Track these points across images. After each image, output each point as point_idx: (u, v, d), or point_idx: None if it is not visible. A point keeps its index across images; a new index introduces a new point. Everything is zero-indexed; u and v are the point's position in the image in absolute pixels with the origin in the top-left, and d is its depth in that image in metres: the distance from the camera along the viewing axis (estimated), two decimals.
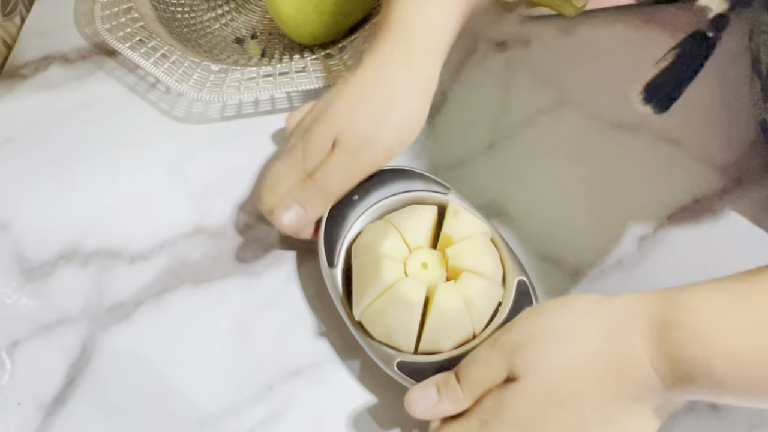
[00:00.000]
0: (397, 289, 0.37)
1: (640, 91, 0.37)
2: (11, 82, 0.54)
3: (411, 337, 0.37)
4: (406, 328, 0.37)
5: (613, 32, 0.53)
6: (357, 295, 0.39)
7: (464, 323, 0.37)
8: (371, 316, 0.38)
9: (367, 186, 0.42)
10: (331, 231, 0.41)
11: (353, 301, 0.39)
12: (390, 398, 0.40)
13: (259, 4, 0.58)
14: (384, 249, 0.38)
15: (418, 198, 0.42)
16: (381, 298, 0.37)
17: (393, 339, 0.38)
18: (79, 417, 0.40)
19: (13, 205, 0.48)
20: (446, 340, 0.37)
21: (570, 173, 0.47)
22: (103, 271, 0.45)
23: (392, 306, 0.37)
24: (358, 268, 0.40)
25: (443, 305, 0.37)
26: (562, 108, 0.50)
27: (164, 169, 0.49)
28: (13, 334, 0.43)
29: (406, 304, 0.37)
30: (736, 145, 0.47)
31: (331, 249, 0.40)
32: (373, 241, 0.39)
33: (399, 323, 0.37)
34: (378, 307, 0.37)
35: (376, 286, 0.37)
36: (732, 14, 0.35)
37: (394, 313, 0.37)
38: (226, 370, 0.41)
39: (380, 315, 0.37)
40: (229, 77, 0.49)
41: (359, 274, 0.39)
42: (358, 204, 0.41)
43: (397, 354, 0.37)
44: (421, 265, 0.39)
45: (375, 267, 0.38)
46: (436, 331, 0.37)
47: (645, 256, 0.43)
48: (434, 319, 0.37)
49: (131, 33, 0.51)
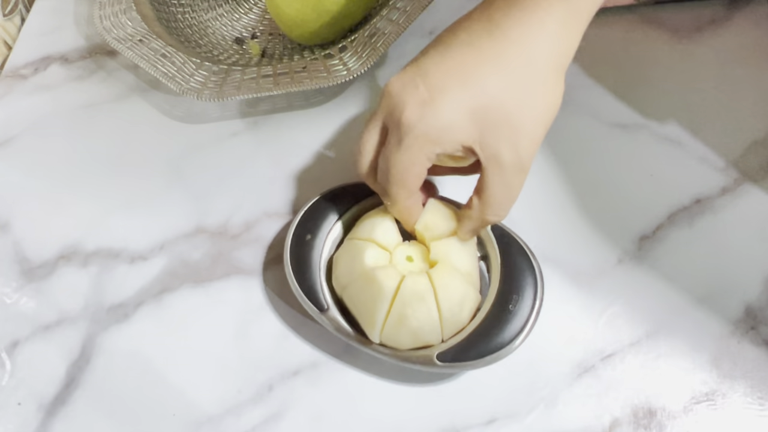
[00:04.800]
0: (404, 291, 0.37)
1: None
2: (11, 82, 0.54)
3: (437, 328, 0.37)
4: (429, 320, 0.37)
5: (613, 32, 0.53)
6: (367, 318, 0.38)
7: (470, 293, 0.38)
8: (390, 330, 0.37)
9: (314, 220, 0.42)
10: (304, 279, 0.40)
11: (365, 326, 0.38)
12: (390, 398, 0.40)
13: (259, 4, 0.58)
14: (367, 263, 0.38)
15: (361, 209, 0.42)
16: (393, 308, 0.37)
17: (422, 338, 0.37)
18: (79, 417, 0.40)
19: (13, 205, 0.48)
20: (462, 315, 0.38)
21: (570, 173, 0.47)
22: (103, 271, 0.45)
23: (408, 308, 0.37)
24: (352, 295, 0.39)
25: (446, 287, 0.37)
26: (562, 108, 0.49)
27: (164, 169, 0.49)
28: (13, 334, 0.43)
29: (420, 299, 0.37)
30: (736, 145, 0.47)
31: (315, 296, 0.40)
32: (351, 264, 0.39)
33: (422, 319, 0.37)
34: (394, 317, 0.37)
35: (382, 299, 0.37)
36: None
37: (413, 313, 0.37)
38: (226, 370, 0.41)
39: (400, 323, 0.37)
40: (229, 77, 0.49)
41: (357, 298, 0.38)
42: (313, 242, 0.41)
43: (431, 350, 0.37)
44: (407, 260, 0.39)
45: (370, 283, 0.37)
46: (451, 314, 0.37)
47: (645, 256, 0.43)
48: (445, 304, 0.37)
49: (131, 33, 0.51)
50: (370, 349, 0.38)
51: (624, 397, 0.39)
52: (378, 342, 0.38)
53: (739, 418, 0.38)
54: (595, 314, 0.42)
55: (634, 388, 0.39)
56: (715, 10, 0.53)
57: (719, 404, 0.39)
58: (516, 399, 0.39)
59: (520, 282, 0.38)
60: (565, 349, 0.41)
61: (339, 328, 0.39)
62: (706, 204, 0.45)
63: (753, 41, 0.52)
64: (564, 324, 0.41)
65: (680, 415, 0.38)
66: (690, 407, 0.39)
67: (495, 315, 0.38)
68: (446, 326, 0.37)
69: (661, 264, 0.43)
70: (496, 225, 0.40)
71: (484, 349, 0.37)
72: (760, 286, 0.42)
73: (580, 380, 0.40)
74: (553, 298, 0.41)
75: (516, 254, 0.39)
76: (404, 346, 0.38)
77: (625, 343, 0.41)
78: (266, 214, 0.46)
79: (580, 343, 0.41)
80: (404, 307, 0.37)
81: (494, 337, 0.37)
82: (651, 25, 0.53)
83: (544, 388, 0.40)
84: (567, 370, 0.40)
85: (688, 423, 0.38)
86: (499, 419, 0.39)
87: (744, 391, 0.39)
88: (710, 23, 0.53)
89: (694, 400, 0.39)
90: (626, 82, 0.50)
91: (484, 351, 0.37)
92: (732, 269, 0.43)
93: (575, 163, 0.47)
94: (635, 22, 0.53)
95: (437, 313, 0.37)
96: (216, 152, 0.49)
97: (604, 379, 0.40)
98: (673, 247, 0.43)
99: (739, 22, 0.53)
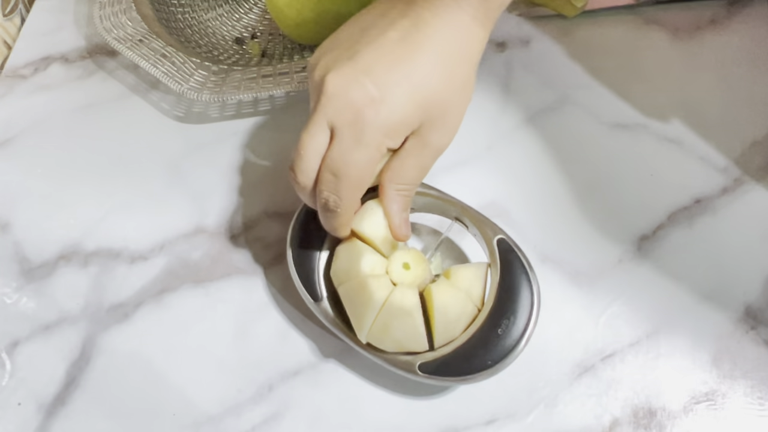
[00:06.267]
0: (392, 304, 0.37)
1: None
2: (11, 82, 0.54)
3: (422, 340, 0.37)
4: (413, 334, 0.37)
5: (613, 32, 0.53)
6: (356, 320, 0.38)
7: (467, 307, 0.38)
8: (376, 334, 0.38)
9: None
10: (303, 266, 0.40)
11: (354, 326, 0.38)
12: (390, 398, 0.40)
13: (259, 4, 0.58)
14: (363, 268, 0.38)
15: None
16: (379, 317, 0.37)
17: (405, 346, 0.37)
18: (79, 417, 0.40)
19: (13, 205, 0.48)
20: (457, 328, 0.37)
21: (570, 173, 0.47)
22: (103, 271, 0.45)
23: (394, 320, 0.37)
24: (346, 294, 0.39)
25: (443, 300, 0.37)
26: (562, 108, 0.50)
27: (164, 169, 0.49)
28: (13, 334, 0.43)
29: (406, 314, 0.37)
30: (736, 145, 0.47)
31: (311, 286, 0.40)
32: (349, 264, 0.39)
33: (405, 333, 0.37)
34: (379, 325, 0.37)
35: (371, 308, 0.37)
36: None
37: (398, 325, 0.37)
38: (226, 370, 0.41)
39: (385, 331, 0.37)
40: (229, 77, 0.49)
41: (349, 299, 0.38)
42: (319, 231, 0.40)
43: (416, 358, 0.37)
44: (403, 267, 0.39)
45: (362, 290, 0.37)
46: (445, 328, 0.37)
47: (645, 256, 0.43)
48: (440, 318, 0.37)
49: (131, 33, 0.51)
50: (358, 346, 0.38)
51: (624, 397, 0.39)
52: (365, 342, 0.38)
53: (739, 418, 0.38)
54: (595, 314, 0.42)
55: (634, 388, 0.39)
56: (715, 10, 0.53)
57: (719, 404, 0.39)
58: (516, 399, 0.39)
59: (515, 305, 0.37)
60: (565, 349, 0.41)
61: (329, 319, 0.39)
62: (706, 204, 0.45)
63: (753, 41, 0.52)
64: (564, 324, 0.41)
65: (680, 415, 0.38)
66: (690, 407, 0.39)
67: (482, 337, 0.37)
68: (438, 338, 0.37)
69: (661, 264, 0.43)
70: (503, 239, 0.39)
71: (465, 368, 0.37)
72: (760, 286, 0.42)
73: (580, 380, 0.40)
74: (553, 298, 0.41)
75: (517, 274, 0.38)
76: (389, 350, 0.38)
77: (625, 343, 0.41)
78: (266, 214, 0.46)
79: (580, 343, 0.41)
80: (390, 318, 0.37)
81: (477, 357, 0.37)
82: (651, 25, 0.53)
83: (544, 388, 0.40)
84: (567, 370, 0.40)
85: (688, 423, 0.38)
86: (499, 419, 0.39)
87: (744, 391, 0.39)
88: (710, 23, 0.53)
89: (694, 400, 0.39)
90: (626, 82, 0.50)
91: (466, 369, 0.37)
92: (732, 269, 0.43)
93: (575, 163, 0.47)
94: (635, 22, 0.53)
95: (422, 328, 0.37)
96: (216, 152, 0.49)
97: (604, 379, 0.40)
98: (673, 247, 0.43)
99: (739, 22, 0.53)
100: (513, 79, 0.51)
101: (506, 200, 0.46)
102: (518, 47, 0.53)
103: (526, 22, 0.54)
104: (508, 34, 0.54)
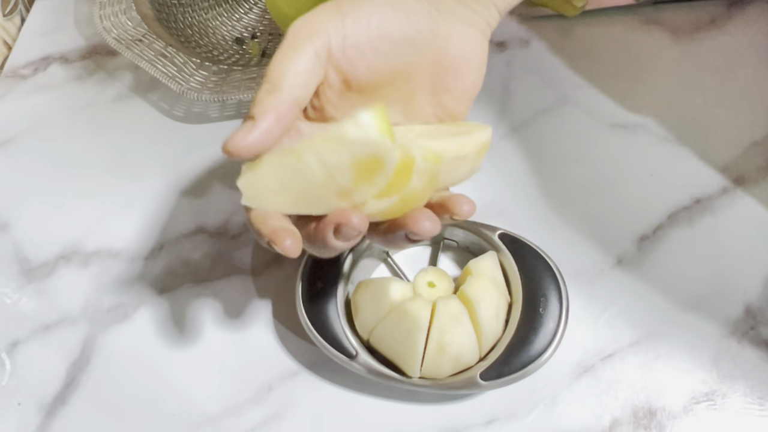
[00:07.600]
0: (441, 316, 0.37)
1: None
2: (11, 82, 0.54)
3: (475, 348, 0.37)
4: (468, 341, 0.37)
5: (613, 32, 0.53)
6: (403, 356, 0.37)
7: (501, 302, 0.38)
8: (431, 361, 0.37)
9: (320, 265, 0.40)
10: (325, 329, 0.38)
11: (402, 365, 0.37)
12: (390, 398, 0.40)
13: (259, 4, 0.58)
14: (394, 298, 0.38)
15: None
16: (431, 336, 0.37)
17: (462, 361, 0.37)
18: (79, 417, 0.40)
19: (13, 205, 0.48)
20: (499, 326, 0.38)
21: (570, 173, 0.47)
22: (103, 271, 0.45)
23: (447, 334, 0.36)
24: (383, 335, 0.38)
25: (484, 299, 0.37)
26: (562, 108, 0.50)
27: (164, 169, 0.49)
28: (13, 334, 0.43)
29: (457, 322, 0.37)
30: (736, 145, 0.47)
31: (340, 344, 0.38)
32: (376, 303, 0.38)
33: (462, 342, 0.37)
34: (433, 347, 0.36)
35: (418, 331, 0.36)
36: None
37: (452, 338, 0.36)
38: (226, 370, 0.41)
39: (441, 351, 0.36)
40: (229, 77, 0.49)
41: (389, 338, 0.37)
42: (326, 288, 0.39)
43: (472, 371, 0.37)
44: (429, 286, 0.39)
45: (404, 317, 0.37)
46: (490, 327, 0.37)
47: (645, 256, 0.43)
48: (484, 317, 0.37)
49: (131, 33, 0.51)
50: (410, 384, 0.37)
51: (624, 397, 0.39)
52: (418, 376, 0.37)
53: (739, 418, 0.38)
54: (594, 314, 0.42)
55: (634, 388, 0.39)
56: (715, 10, 0.53)
57: (719, 404, 0.39)
58: (516, 399, 0.39)
59: (542, 284, 0.38)
60: (565, 349, 0.41)
61: (372, 371, 0.37)
62: (706, 204, 0.45)
63: (753, 41, 0.52)
64: None
65: (680, 415, 0.38)
66: (690, 407, 0.39)
67: (527, 321, 0.37)
68: (484, 341, 0.37)
69: (661, 264, 0.43)
70: (504, 233, 0.40)
71: (525, 358, 0.37)
72: (760, 287, 0.42)
73: (580, 380, 0.40)
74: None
75: (529, 257, 0.39)
76: (445, 374, 0.37)
77: (624, 343, 0.41)
78: None
79: (580, 343, 0.41)
80: (443, 334, 0.36)
81: (532, 343, 0.37)
82: (651, 25, 0.53)
83: (544, 388, 0.40)
84: (567, 370, 0.40)
85: (688, 423, 0.38)
86: (499, 419, 0.39)
87: (744, 391, 0.39)
88: (710, 23, 0.53)
89: (694, 400, 0.39)
90: (626, 82, 0.50)
91: (526, 360, 0.37)
92: (732, 269, 0.43)
93: (575, 163, 0.47)
94: (635, 22, 0.53)
95: (474, 332, 0.37)
96: (216, 152, 0.49)
97: (604, 379, 0.40)
98: (673, 247, 0.43)
99: (739, 22, 0.53)
100: (513, 79, 0.51)
101: (506, 200, 0.46)
102: (518, 47, 0.53)
103: (526, 22, 0.54)
104: (508, 34, 0.54)
